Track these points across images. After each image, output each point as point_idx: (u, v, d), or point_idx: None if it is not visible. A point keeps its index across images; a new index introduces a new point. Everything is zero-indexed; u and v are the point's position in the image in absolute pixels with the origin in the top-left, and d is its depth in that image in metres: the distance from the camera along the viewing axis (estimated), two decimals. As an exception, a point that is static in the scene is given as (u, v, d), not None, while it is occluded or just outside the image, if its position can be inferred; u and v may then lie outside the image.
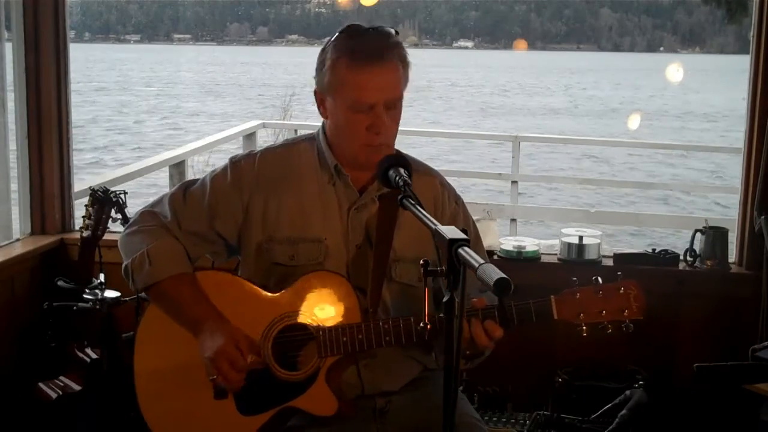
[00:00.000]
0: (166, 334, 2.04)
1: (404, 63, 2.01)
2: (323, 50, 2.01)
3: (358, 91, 1.94)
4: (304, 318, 2.00)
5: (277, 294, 2.02)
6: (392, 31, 2.01)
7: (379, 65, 1.94)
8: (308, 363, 1.99)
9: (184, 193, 2.11)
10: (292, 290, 2.01)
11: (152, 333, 2.07)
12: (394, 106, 1.99)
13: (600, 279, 1.97)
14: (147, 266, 2.01)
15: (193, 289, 2.03)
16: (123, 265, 2.06)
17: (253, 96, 30.53)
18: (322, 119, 2.12)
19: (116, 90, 31.74)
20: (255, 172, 2.08)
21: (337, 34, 2.00)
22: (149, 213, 2.11)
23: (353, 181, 2.06)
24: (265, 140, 8.90)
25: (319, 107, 2.07)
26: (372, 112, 1.96)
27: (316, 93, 2.06)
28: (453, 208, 2.17)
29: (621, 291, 1.96)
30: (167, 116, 24.39)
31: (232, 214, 2.07)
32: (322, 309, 1.99)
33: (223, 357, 1.92)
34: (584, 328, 1.95)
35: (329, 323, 1.98)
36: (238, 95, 31.45)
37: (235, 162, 2.11)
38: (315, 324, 1.99)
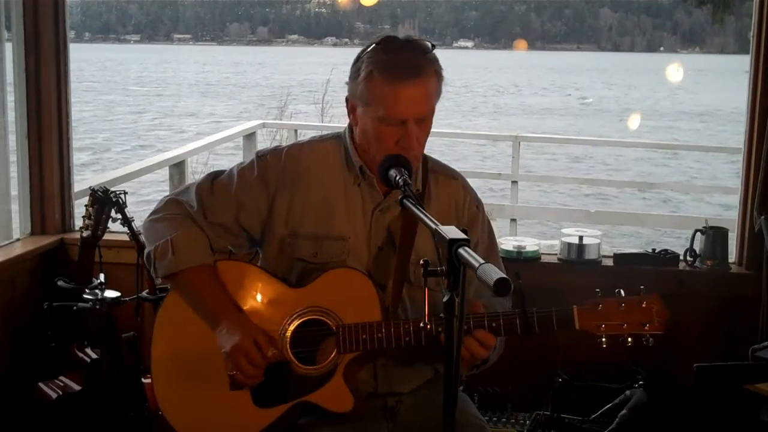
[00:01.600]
0: (185, 322, 2.05)
1: (439, 77, 1.99)
2: (358, 59, 1.99)
3: (391, 107, 1.93)
4: (324, 313, 2.01)
5: (298, 288, 2.04)
6: (428, 45, 2.00)
7: (413, 82, 1.93)
8: (327, 358, 2.00)
9: (212, 183, 2.11)
10: (314, 285, 2.02)
11: (172, 319, 2.09)
12: (425, 120, 1.99)
13: (623, 291, 1.99)
14: (170, 255, 2.02)
15: (214, 281, 2.04)
16: (146, 252, 2.08)
17: (252, 96, 30.50)
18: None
19: (111, 90, 31.65)
20: (281, 167, 2.08)
21: (373, 45, 1.98)
22: (174, 201, 2.12)
23: (378, 183, 2.06)
24: (264, 140, 8.90)
25: (349, 113, 2.06)
26: (403, 127, 1.95)
27: (347, 99, 2.05)
28: (473, 212, 2.17)
29: (644, 305, 1.98)
30: (163, 116, 24.37)
31: (257, 208, 2.08)
32: (343, 305, 2.00)
33: (240, 352, 1.93)
34: (605, 339, 1.96)
35: (349, 320, 1.99)
36: (237, 95, 31.42)
37: (261, 156, 2.12)
38: (335, 320, 2.00)
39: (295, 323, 2.01)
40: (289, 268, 2.08)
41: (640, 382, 2.91)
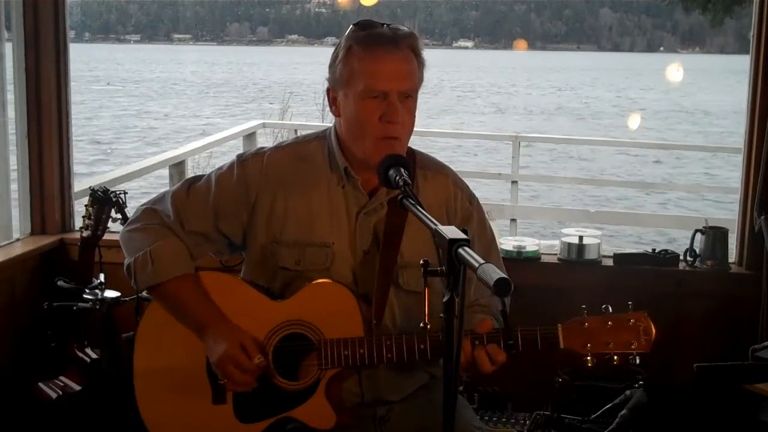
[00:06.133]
0: (166, 336, 2.03)
1: (418, 57, 1.97)
2: (336, 46, 1.98)
3: (371, 78, 1.90)
4: (306, 328, 1.97)
5: (280, 302, 2.00)
6: (406, 28, 1.98)
7: (391, 52, 1.91)
8: (308, 374, 1.97)
9: (188, 190, 2.06)
10: (296, 299, 1.98)
11: (153, 333, 2.06)
12: (408, 97, 1.94)
13: (610, 308, 1.94)
14: (150, 266, 1.98)
15: (196, 290, 2.00)
16: (125, 264, 2.04)
17: (252, 95, 30.49)
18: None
19: (104, 91, 31.53)
20: (263, 171, 2.03)
21: (350, 26, 1.97)
22: (151, 210, 2.07)
23: (362, 184, 2.02)
24: (264, 141, 8.90)
25: (331, 106, 2.02)
26: (386, 101, 1.91)
27: (328, 91, 2.01)
28: (467, 208, 2.12)
29: (631, 323, 1.92)
30: (160, 117, 24.33)
31: (237, 214, 2.03)
32: (324, 320, 1.96)
33: (229, 360, 1.90)
34: (590, 358, 1.92)
35: (331, 335, 1.95)
36: (237, 94, 31.40)
37: (242, 161, 2.07)
38: (317, 335, 1.96)
39: (278, 337, 1.97)
40: (272, 276, 2.04)
41: (640, 382, 2.91)
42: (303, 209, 2.02)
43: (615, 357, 1.92)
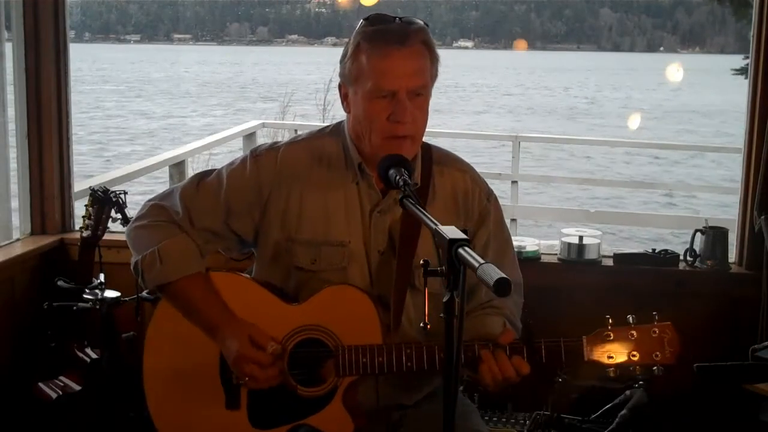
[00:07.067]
0: (177, 336, 1.98)
1: (431, 51, 1.91)
2: (347, 42, 1.94)
3: (378, 77, 1.85)
4: (322, 333, 1.92)
5: (296, 305, 1.95)
6: (419, 21, 1.93)
7: (400, 49, 1.85)
8: (326, 381, 1.92)
9: (198, 186, 2.01)
10: (312, 303, 1.93)
11: (163, 332, 2.01)
12: (418, 94, 1.89)
13: (633, 318, 1.91)
14: (158, 265, 1.93)
15: (207, 290, 1.96)
16: (132, 262, 2.00)
17: (252, 96, 30.48)
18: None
19: (103, 92, 31.48)
20: (276, 167, 1.98)
21: (360, 21, 1.92)
22: (158, 206, 2.02)
23: (376, 181, 1.96)
24: (263, 141, 8.90)
25: (342, 102, 1.98)
26: (394, 100, 1.86)
27: (340, 87, 1.97)
28: (484, 205, 2.06)
29: (655, 334, 1.90)
30: (160, 117, 24.32)
31: (249, 212, 1.98)
32: (342, 325, 1.91)
33: (244, 360, 1.86)
34: (613, 369, 1.91)
35: (348, 341, 1.91)
36: (237, 94, 31.39)
37: (256, 156, 2.01)
38: (333, 341, 1.92)
39: (293, 342, 1.93)
40: (286, 275, 1.99)
41: (640, 382, 2.91)
42: (319, 207, 1.97)
43: (638, 368, 1.90)
